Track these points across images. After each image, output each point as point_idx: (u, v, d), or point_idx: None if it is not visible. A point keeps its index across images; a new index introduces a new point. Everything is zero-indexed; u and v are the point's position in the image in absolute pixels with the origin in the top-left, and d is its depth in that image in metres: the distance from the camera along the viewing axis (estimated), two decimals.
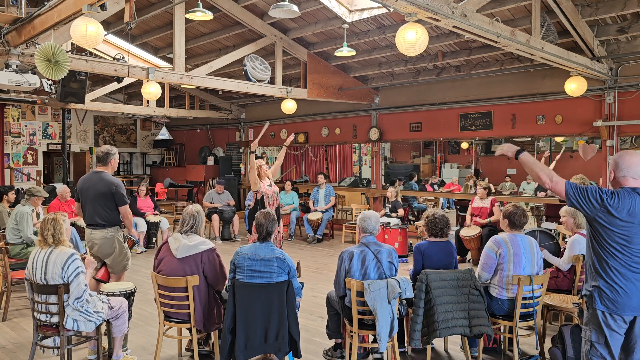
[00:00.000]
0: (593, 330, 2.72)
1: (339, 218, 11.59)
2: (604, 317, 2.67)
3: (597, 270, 2.71)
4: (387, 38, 8.13)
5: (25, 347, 4.34)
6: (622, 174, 2.69)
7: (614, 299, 2.64)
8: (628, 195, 2.63)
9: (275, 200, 6.03)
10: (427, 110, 9.76)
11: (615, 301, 2.64)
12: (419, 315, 3.69)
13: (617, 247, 2.64)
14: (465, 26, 4.57)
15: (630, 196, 2.63)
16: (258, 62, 7.90)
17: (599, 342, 2.70)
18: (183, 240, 3.76)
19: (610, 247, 2.65)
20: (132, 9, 4.90)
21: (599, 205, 2.62)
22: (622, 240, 2.63)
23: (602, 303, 2.67)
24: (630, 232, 2.62)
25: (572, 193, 2.64)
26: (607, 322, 2.67)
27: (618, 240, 2.63)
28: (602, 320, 2.68)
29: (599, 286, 2.68)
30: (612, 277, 2.65)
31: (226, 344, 3.47)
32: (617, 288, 2.64)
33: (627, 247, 2.63)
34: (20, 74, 6.12)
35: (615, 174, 2.73)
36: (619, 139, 7.58)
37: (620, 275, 2.64)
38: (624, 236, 2.63)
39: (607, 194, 2.64)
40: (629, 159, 2.68)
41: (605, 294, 2.66)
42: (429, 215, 4.21)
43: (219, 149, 14.98)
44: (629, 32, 6.62)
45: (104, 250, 4.58)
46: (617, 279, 2.64)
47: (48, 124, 13.71)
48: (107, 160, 4.68)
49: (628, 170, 2.67)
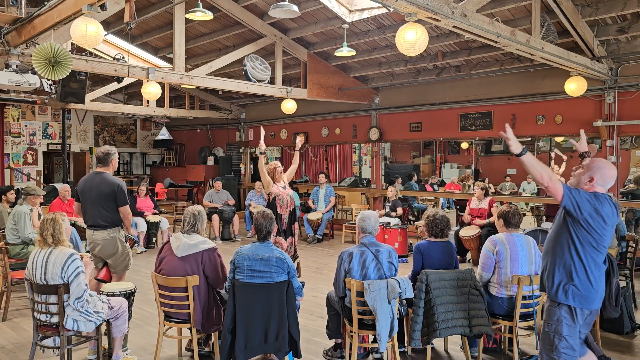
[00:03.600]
0: (566, 325, 2.89)
1: (339, 218, 11.59)
2: (575, 312, 2.88)
3: (575, 269, 2.88)
4: (387, 38, 8.13)
5: (25, 347, 4.34)
6: (601, 183, 2.94)
7: (586, 294, 2.87)
8: (604, 199, 2.87)
9: (290, 202, 5.97)
10: (427, 110, 9.76)
11: (587, 296, 2.87)
12: (419, 315, 3.69)
13: (594, 246, 2.86)
14: (465, 26, 4.57)
15: (607, 201, 2.88)
16: (258, 62, 7.90)
17: (571, 335, 2.88)
18: (184, 239, 3.77)
19: (590, 247, 2.86)
20: (132, 9, 4.90)
21: (590, 207, 2.81)
22: (596, 242, 2.86)
23: (575, 299, 2.87)
24: (603, 233, 2.86)
25: (569, 194, 2.80)
26: (579, 316, 2.88)
27: (593, 241, 2.85)
28: (575, 314, 2.88)
29: (574, 284, 2.87)
30: (587, 275, 2.87)
31: (226, 344, 3.47)
32: (590, 284, 2.87)
33: (600, 247, 2.87)
34: (20, 74, 6.13)
35: (595, 180, 2.93)
36: (619, 139, 7.58)
37: (592, 273, 2.87)
38: (599, 237, 2.85)
39: (593, 196, 2.85)
40: (611, 172, 2.95)
41: (579, 291, 2.86)
42: (429, 216, 4.22)
43: (219, 149, 14.98)
44: (629, 32, 6.62)
45: (106, 251, 4.57)
46: (591, 276, 2.87)
47: (48, 124, 13.72)
48: (107, 160, 4.68)
49: (604, 181, 2.94)
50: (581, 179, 2.97)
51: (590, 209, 2.80)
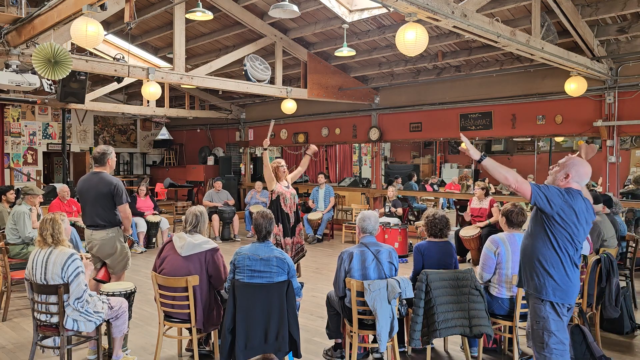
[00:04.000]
0: (552, 321, 2.96)
1: (339, 218, 11.59)
2: (558, 307, 2.96)
3: (552, 265, 2.95)
4: (387, 38, 8.13)
5: (25, 347, 4.34)
6: (576, 179, 3.03)
7: (566, 289, 2.95)
8: (576, 194, 2.96)
9: (292, 202, 5.94)
10: (427, 110, 9.76)
11: (567, 291, 2.95)
12: (419, 315, 3.69)
13: (570, 241, 2.94)
14: (465, 26, 4.57)
15: (580, 196, 2.96)
16: (258, 62, 7.90)
17: (558, 330, 2.95)
18: (188, 238, 3.77)
19: (566, 241, 2.94)
20: (132, 9, 4.90)
21: (561, 201, 2.89)
22: (571, 236, 2.93)
23: (555, 294, 2.94)
24: (577, 228, 2.93)
25: (537, 191, 2.88)
26: (562, 311, 2.97)
27: (567, 236, 2.93)
28: (558, 309, 2.96)
29: (554, 279, 2.94)
30: (565, 270, 2.95)
31: (226, 344, 3.47)
32: (568, 279, 2.95)
33: (575, 242, 2.95)
34: (20, 74, 6.13)
35: (571, 177, 3.03)
36: (619, 139, 7.58)
37: (570, 268, 2.96)
38: (573, 231, 2.92)
39: (564, 191, 2.94)
40: (585, 169, 3.05)
41: (559, 286, 2.94)
42: (429, 216, 4.21)
43: (219, 149, 14.98)
44: (629, 32, 6.62)
45: (104, 251, 4.57)
46: (569, 271, 2.96)
47: (48, 124, 13.72)
48: (104, 160, 4.67)
49: (580, 178, 3.04)
50: (557, 176, 3.07)
51: (561, 202, 2.88)
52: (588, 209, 2.97)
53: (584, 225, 2.96)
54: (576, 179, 3.02)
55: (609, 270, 4.28)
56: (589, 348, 3.67)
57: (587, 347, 3.67)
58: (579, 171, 3.03)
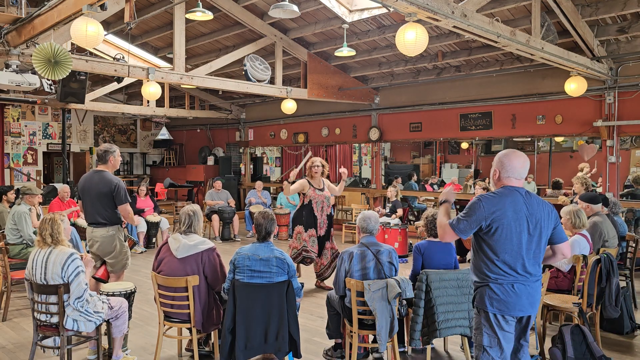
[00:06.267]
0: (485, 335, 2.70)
1: (339, 218, 11.59)
2: (495, 319, 2.67)
3: (486, 271, 2.70)
4: (387, 38, 8.13)
5: (25, 347, 4.34)
6: (506, 174, 2.72)
7: (505, 299, 2.64)
8: (509, 193, 2.67)
9: (327, 206, 5.85)
10: (427, 110, 9.76)
11: (506, 302, 2.64)
12: (419, 315, 3.69)
13: (507, 246, 2.64)
14: (465, 26, 4.57)
15: (511, 194, 2.67)
16: (258, 62, 7.90)
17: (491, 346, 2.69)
18: (183, 240, 3.75)
19: (499, 247, 2.65)
20: (132, 9, 4.90)
21: (483, 219, 2.63)
22: (509, 240, 2.64)
23: (493, 305, 2.66)
24: (516, 230, 2.63)
25: (456, 225, 2.68)
26: (500, 324, 2.66)
27: (504, 241, 2.64)
28: (494, 322, 2.67)
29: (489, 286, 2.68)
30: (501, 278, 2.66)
31: (226, 344, 3.47)
32: (507, 288, 2.65)
33: (512, 247, 2.64)
34: (20, 74, 6.13)
35: (500, 174, 2.75)
36: (619, 139, 7.58)
37: (509, 276, 2.65)
38: (510, 236, 2.63)
39: (487, 200, 2.65)
40: (515, 161, 2.71)
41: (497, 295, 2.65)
42: (428, 216, 4.22)
43: (219, 149, 14.99)
44: (629, 32, 6.62)
45: (104, 249, 4.57)
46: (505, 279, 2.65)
47: (48, 124, 13.72)
48: (106, 158, 4.67)
49: (512, 171, 2.71)
50: (491, 179, 2.82)
51: (483, 219, 2.63)
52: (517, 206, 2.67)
53: (524, 222, 2.65)
54: (508, 174, 2.72)
55: (609, 270, 4.28)
56: (589, 348, 3.67)
57: (587, 347, 3.67)
58: (503, 163, 2.72)
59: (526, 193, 2.72)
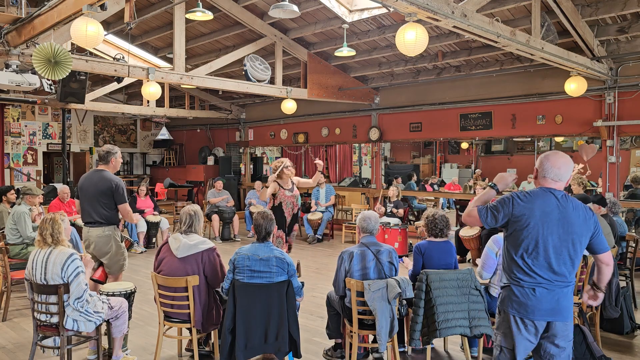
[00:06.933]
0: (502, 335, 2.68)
1: (339, 218, 11.58)
2: (514, 321, 2.62)
3: (510, 272, 2.67)
4: (387, 38, 8.13)
5: (25, 347, 4.34)
6: (543, 174, 2.70)
7: (524, 302, 2.60)
8: (542, 194, 2.64)
9: (294, 205, 5.89)
10: (427, 110, 9.76)
11: (526, 305, 2.59)
12: (419, 315, 3.69)
13: (530, 248, 2.60)
14: (465, 26, 4.57)
15: (544, 196, 2.63)
16: (258, 62, 7.90)
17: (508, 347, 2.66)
18: (183, 239, 3.75)
19: (522, 248, 2.61)
20: (132, 9, 4.90)
21: (510, 215, 2.62)
22: (534, 242, 2.59)
23: (512, 307, 2.63)
24: (542, 232, 2.57)
25: (484, 213, 2.66)
26: (518, 327, 2.61)
27: (529, 242, 2.60)
28: (513, 324, 2.62)
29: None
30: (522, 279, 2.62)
31: (226, 344, 3.47)
32: (528, 292, 2.59)
33: (537, 250, 2.59)
34: (20, 74, 6.13)
35: (538, 174, 2.73)
36: (619, 139, 7.58)
37: (531, 278, 2.60)
38: (534, 238, 2.58)
39: (518, 198, 2.64)
40: (553, 161, 2.67)
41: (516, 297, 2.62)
42: (428, 216, 4.21)
43: (219, 149, 14.99)
44: (629, 32, 6.62)
45: (100, 249, 4.57)
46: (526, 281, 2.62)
47: (48, 124, 13.72)
48: (108, 159, 4.69)
49: (549, 172, 2.67)
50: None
51: (510, 212, 2.61)
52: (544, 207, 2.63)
53: (554, 224, 2.60)
54: (544, 173, 2.69)
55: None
56: (589, 348, 3.67)
57: (587, 347, 3.67)
58: (543, 164, 2.69)
59: (563, 196, 2.65)
